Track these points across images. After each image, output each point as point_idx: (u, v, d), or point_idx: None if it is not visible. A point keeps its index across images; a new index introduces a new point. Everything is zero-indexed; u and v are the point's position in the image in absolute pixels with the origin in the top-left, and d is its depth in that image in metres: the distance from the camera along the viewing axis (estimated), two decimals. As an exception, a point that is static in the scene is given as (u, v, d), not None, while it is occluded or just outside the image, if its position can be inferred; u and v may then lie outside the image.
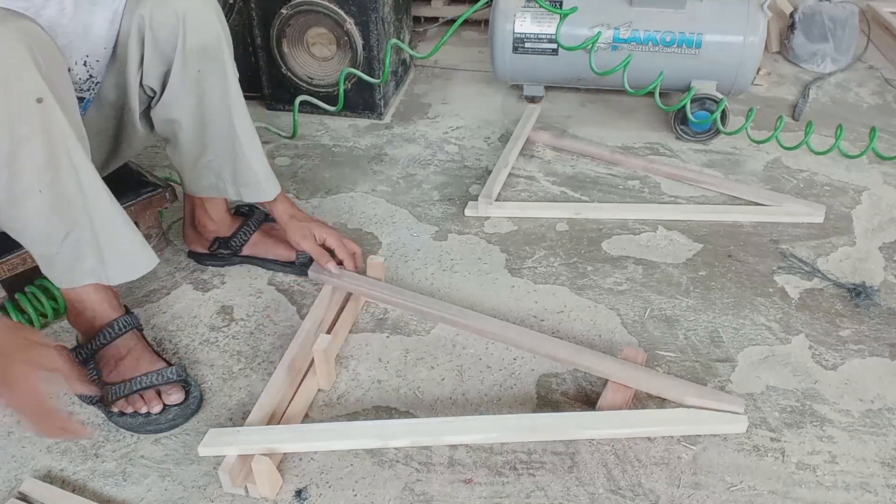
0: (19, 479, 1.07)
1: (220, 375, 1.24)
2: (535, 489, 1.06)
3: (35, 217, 1.02)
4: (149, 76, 1.20)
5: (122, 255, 1.10)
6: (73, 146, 1.01)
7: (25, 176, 0.99)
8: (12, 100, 0.94)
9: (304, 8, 1.84)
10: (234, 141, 1.26)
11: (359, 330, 1.33)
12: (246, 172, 1.30)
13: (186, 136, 1.27)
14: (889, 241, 1.55)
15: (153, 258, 1.14)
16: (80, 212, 1.04)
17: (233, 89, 1.23)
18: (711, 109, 1.80)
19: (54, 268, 1.09)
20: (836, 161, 1.79)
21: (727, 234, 1.56)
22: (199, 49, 1.18)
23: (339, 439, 1.07)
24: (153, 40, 1.16)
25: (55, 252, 1.07)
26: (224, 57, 1.21)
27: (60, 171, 1.01)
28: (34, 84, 0.95)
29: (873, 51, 2.37)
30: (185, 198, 1.42)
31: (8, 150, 0.96)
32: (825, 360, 1.27)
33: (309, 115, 1.97)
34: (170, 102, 1.23)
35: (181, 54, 1.17)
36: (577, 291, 1.41)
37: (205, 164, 1.31)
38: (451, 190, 1.70)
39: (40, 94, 0.95)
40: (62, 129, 0.99)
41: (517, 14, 1.86)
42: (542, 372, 1.24)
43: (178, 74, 1.19)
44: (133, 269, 1.12)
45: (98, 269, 1.10)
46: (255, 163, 1.29)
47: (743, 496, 1.05)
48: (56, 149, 0.99)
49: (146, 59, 1.18)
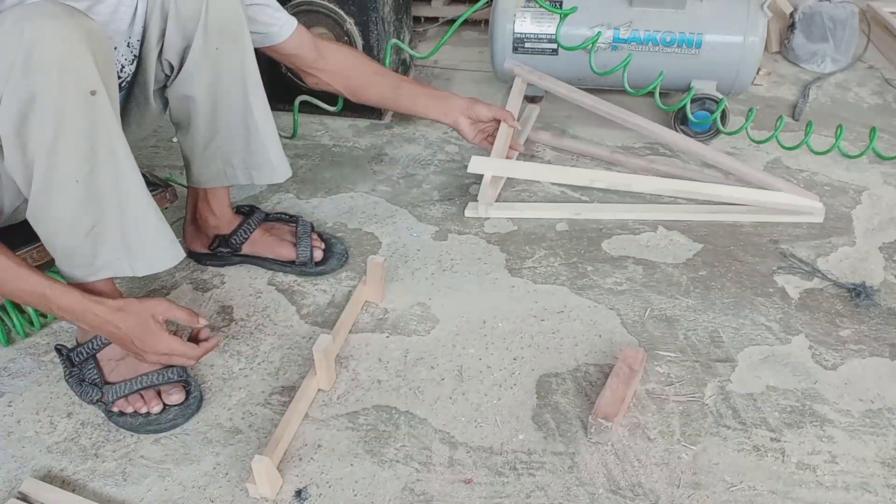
0: (19, 479, 1.07)
1: (220, 375, 1.24)
2: (535, 489, 1.06)
3: (65, 207, 1.03)
4: (169, 51, 1.21)
5: (151, 246, 1.11)
6: (117, 139, 1.03)
7: (65, 166, 1.00)
8: (66, 92, 0.95)
9: (304, 8, 1.84)
10: (249, 120, 1.28)
11: (359, 330, 1.33)
12: (259, 153, 1.31)
13: (199, 117, 1.28)
14: (889, 241, 1.55)
15: (180, 253, 1.15)
16: (112, 204, 1.05)
17: (250, 69, 1.25)
18: (711, 109, 1.80)
19: (72, 261, 1.09)
20: (836, 161, 1.79)
21: (727, 234, 1.56)
22: (219, 26, 1.19)
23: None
24: (176, 15, 1.18)
25: (77, 245, 1.07)
26: (243, 37, 1.23)
27: (100, 163, 1.02)
28: (90, 77, 0.97)
29: (873, 51, 2.37)
30: (189, 192, 1.42)
31: (51, 139, 0.97)
32: (825, 360, 1.27)
33: (309, 115, 1.97)
34: (187, 79, 1.24)
35: (202, 30, 1.19)
36: (577, 291, 1.41)
37: (214, 148, 1.31)
38: (451, 190, 1.70)
39: (95, 86, 0.97)
40: (109, 122, 1.01)
41: (517, 14, 1.86)
42: (542, 372, 1.24)
43: (197, 50, 1.20)
44: (160, 262, 1.13)
45: (121, 262, 1.10)
46: (269, 142, 1.31)
47: (743, 496, 1.05)
48: (99, 141, 1.01)
49: (168, 33, 1.19)
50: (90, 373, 1.16)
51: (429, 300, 1.39)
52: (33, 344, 1.30)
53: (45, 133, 0.97)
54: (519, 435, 1.14)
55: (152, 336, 1.08)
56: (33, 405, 1.19)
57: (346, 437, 1.14)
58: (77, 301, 1.05)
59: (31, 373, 1.24)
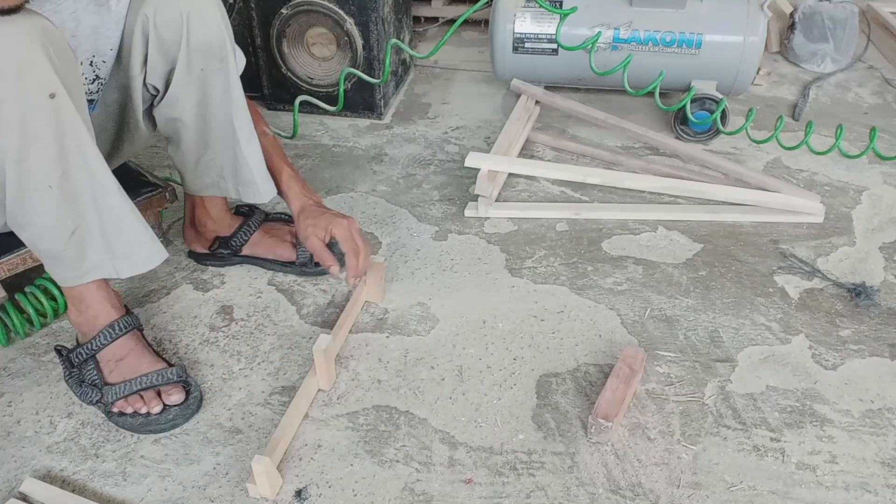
0: (19, 479, 1.07)
1: (220, 375, 1.24)
2: (535, 489, 1.06)
3: (44, 213, 1.02)
4: (152, 75, 1.20)
5: (133, 247, 1.11)
6: (85, 141, 1.01)
7: (36, 171, 0.99)
8: (26, 95, 0.94)
9: (304, 8, 1.84)
10: (234, 139, 1.27)
11: (359, 330, 1.33)
12: (244, 172, 1.30)
13: (188, 135, 1.27)
14: (889, 241, 1.55)
15: (162, 252, 1.15)
16: (90, 206, 1.04)
17: (235, 89, 1.23)
18: (711, 109, 1.80)
19: (60, 265, 1.09)
20: (836, 161, 1.79)
21: (727, 234, 1.56)
22: (202, 48, 1.18)
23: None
24: (157, 39, 1.16)
25: (62, 249, 1.06)
26: (227, 56, 1.21)
27: (71, 166, 1.01)
28: (47, 79, 0.95)
29: (873, 51, 2.36)
30: (186, 197, 1.42)
31: (19, 145, 0.96)
32: (825, 360, 1.27)
33: (309, 115, 1.97)
34: (173, 101, 1.23)
35: (185, 53, 1.17)
36: (577, 291, 1.41)
37: (206, 162, 1.31)
38: (451, 190, 1.70)
39: (53, 89, 0.95)
40: (74, 123, 0.99)
41: (517, 14, 1.86)
42: (542, 372, 1.24)
43: (181, 73, 1.19)
44: (143, 262, 1.13)
45: (105, 264, 1.10)
46: (253, 163, 1.29)
47: (743, 496, 1.05)
48: (67, 144, 0.99)
49: (150, 57, 1.18)
50: (90, 374, 1.16)
51: (429, 300, 1.39)
52: (33, 344, 1.30)
53: (11, 139, 0.95)
54: (519, 435, 1.14)
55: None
56: (33, 405, 1.19)
57: (346, 437, 1.14)
58: None
59: (31, 373, 1.24)
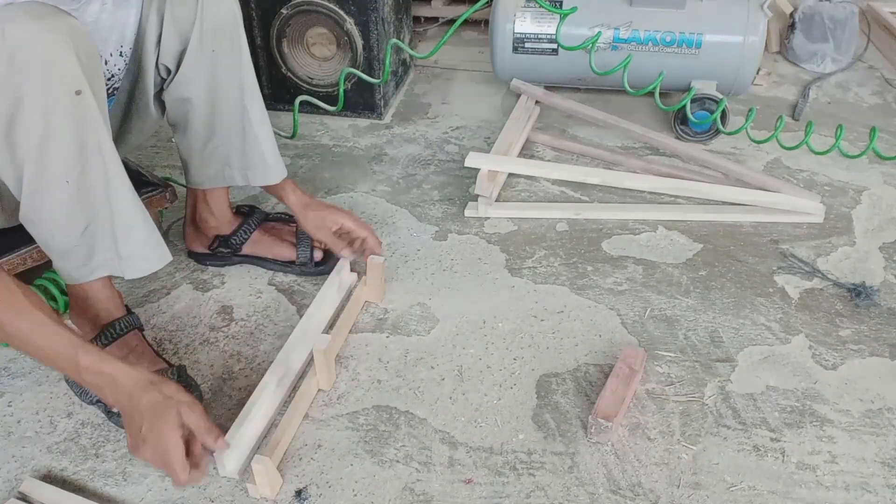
0: (19, 479, 1.07)
1: (220, 375, 1.24)
2: (535, 489, 1.06)
3: (58, 208, 1.03)
4: (165, 55, 1.22)
5: (139, 248, 1.11)
6: (104, 139, 1.03)
7: (55, 166, 1.00)
8: (51, 91, 0.95)
9: (304, 8, 1.84)
10: (245, 120, 1.28)
11: (359, 330, 1.33)
12: (254, 153, 1.31)
13: (197, 118, 1.28)
14: (889, 241, 1.55)
15: (167, 255, 1.15)
16: (103, 204, 1.05)
17: (246, 70, 1.26)
18: (711, 109, 1.80)
19: (69, 261, 1.09)
20: (836, 161, 1.79)
21: (727, 234, 1.56)
22: (215, 28, 1.20)
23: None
24: (172, 18, 1.18)
25: (73, 245, 1.07)
26: (239, 38, 1.23)
27: (89, 163, 1.02)
28: (74, 76, 0.96)
29: (873, 51, 2.36)
30: (188, 193, 1.42)
31: (40, 139, 0.97)
32: (825, 360, 1.27)
33: (309, 115, 1.97)
34: (184, 81, 1.24)
35: (198, 32, 1.19)
36: (577, 291, 1.41)
37: (212, 149, 1.32)
38: (451, 190, 1.70)
39: (79, 86, 0.97)
40: (95, 122, 1.01)
41: (517, 14, 1.86)
42: (542, 372, 1.24)
43: (194, 53, 1.20)
44: (148, 264, 1.13)
45: (113, 262, 1.10)
46: (264, 143, 1.31)
47: (743, 496, 1.05)
48: (87, 141, 1.00)
49: (164, 37, 1.19)
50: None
51: (429, 300, 1.39)
52: (33, 344, 1.30)
53: (33, 134, 0.96)
54: (519, 435, 1.14)
55: (163, 428, 0.93)
56: (33, 405, 1.19)
57: (346, 437, 1.14)
58: (110, 361, 0.95)
59: (31, 373, 1.24)
